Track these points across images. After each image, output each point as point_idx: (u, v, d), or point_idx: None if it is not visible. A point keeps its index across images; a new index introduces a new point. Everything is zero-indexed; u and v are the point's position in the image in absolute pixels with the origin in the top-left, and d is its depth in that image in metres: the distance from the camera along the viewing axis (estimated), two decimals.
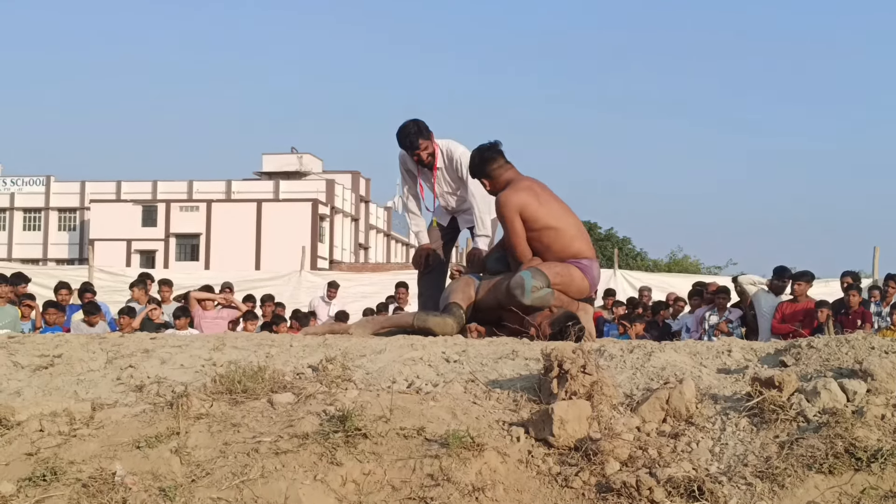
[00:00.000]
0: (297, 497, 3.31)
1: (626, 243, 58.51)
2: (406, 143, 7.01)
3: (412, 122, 7.03)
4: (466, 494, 3.30)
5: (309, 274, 19.31)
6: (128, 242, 61.31)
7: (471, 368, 4.41)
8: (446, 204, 7.45)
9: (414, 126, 6.99)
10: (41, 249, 65.33)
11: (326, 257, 61.03)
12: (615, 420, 3.70)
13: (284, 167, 66.61)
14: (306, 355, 4.80)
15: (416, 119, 7.06)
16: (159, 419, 3.89)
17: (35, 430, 3.83)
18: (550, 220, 5.96)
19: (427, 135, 7.06)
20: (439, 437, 3.57)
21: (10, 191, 66.55)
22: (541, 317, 5.70)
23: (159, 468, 3.54)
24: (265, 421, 3.82)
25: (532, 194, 5.97)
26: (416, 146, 6.99)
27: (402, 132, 7.03)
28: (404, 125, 7.05)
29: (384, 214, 76.76)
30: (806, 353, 4.25)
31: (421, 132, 7.00)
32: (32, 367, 4.68)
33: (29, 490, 3.45)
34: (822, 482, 3.21)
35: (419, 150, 7.03)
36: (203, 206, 62.38)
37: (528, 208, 5.93)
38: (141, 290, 12.28)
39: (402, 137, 7.02)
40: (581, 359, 3.86)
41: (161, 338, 5.58)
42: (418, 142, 7.00)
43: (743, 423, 3.61)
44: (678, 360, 4.37)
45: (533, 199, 5.95)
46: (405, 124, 7.05)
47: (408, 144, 7.01)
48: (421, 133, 7.01)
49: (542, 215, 5.94)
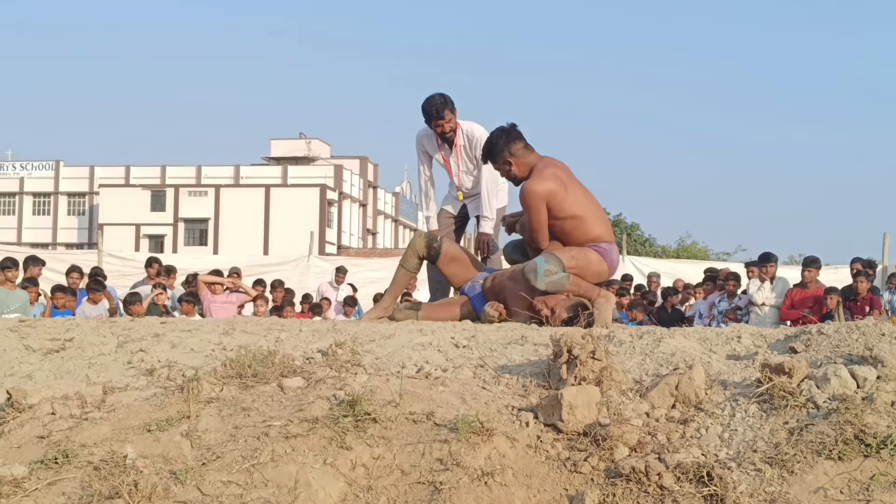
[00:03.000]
0: (307, 481, 3.32)
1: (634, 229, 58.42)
2: (432, 112, 7.09)
3: (439, 95, 7.14)
4: (475, 479, 3.31)
5: (317, 259, 19.35)
6: (136, 227, 61.52)
7: (480, 354, 4.42)
8: (462, 184, 7.47)
9: (441, 98, 7.11)
10: (50, 234, 65.57)
11: (335, 242, 61.13)
12: (624, 406, 3.71)
13: (293, 152, 66.68)
14: (316, 340, 4.81)
15: (442, 93, 7.14)
16: (170, 403, 3.90)
17: (47, 413, 3.85)
18: (576, 208, 5.91)
19: (453, 108, 7.14)
20: (448, 422, 3.57)
21: (20, 175, 66.78)
22: (554, 300, 5.67)
23: (170, 451, 3.55)
24: (275, 405, 3.83)
25: (559, 183, 5.90)
26: (441, 115, 7.07)
27: (428, 101, 7.11)
28: (431, 96, 7.15)
29: (392, 200, 76.79)
30: (816, 339, 4.25)
31: (447, 104, 7.11)
32: (44, 350, 4.70)
33: (41, 473, 3.47)
34: (831, 468, 3.21)
35: (443, 122, 7.10)
36: (211, 191, 62.53)
37: (555, 197, 5.86)
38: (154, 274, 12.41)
39: (429, 105, 7.09)
40: (590, 344, 3.86)
41: (171, 322, 5.60)
42: (444, 112, 7.08)
43: (752, 409, 3.61)
44: (688, 346, 4.37)
45: (560, 188, 5.88)
46: (432, 95, 7.16)
47: (434, 113, 7.08)
48: (447, 104, 7.11)
49: (568, 204, 5.88)
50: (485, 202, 7.28)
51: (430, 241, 6.27)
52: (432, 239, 6.29)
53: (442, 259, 6.28)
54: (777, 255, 12.42)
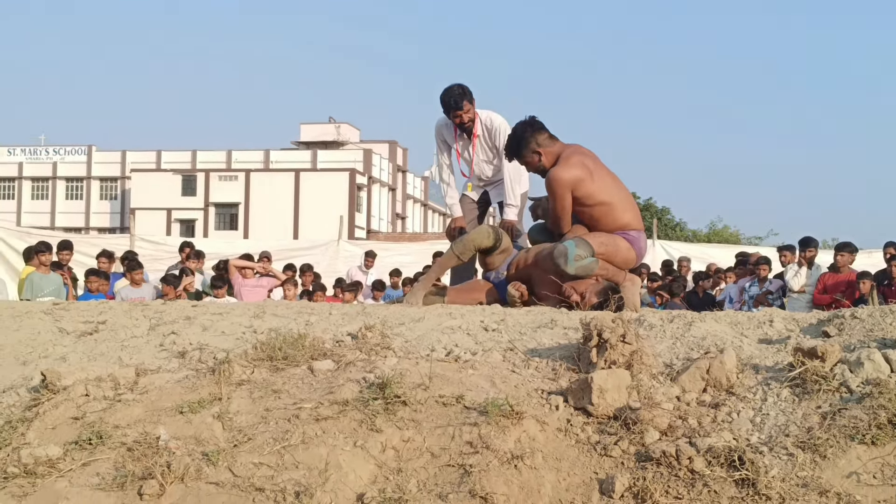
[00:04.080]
0: (338, 463, 3.34)
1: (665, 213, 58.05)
2: (451, 103, 7.06)
3: (457, 85, 7.12)
4: (505, 462, 3.31)
5: (346, 243, 19.36)
6: (168, 212, 61.86)
7: (509, 337, 4.41)
8: (481, 173, 7.46)
9: (459, 88, 7.09)
10: (83, 218, 66.12)
11: (364, 227, 61.20)
12: (655, 389, 3.69)
13: (322, 137, 66.74)
14: (345, 323, 4.82)
15: (461, 83, 7.12)
16: (202, 385, 3.93)
17: (81, 394, 3.89)
18: (603, 195, 5.87)
19: (471, 99, 7.12)
20: (478, 405, 3.58)
21: (53, 160, 67.33)
22: (584, 285, 5.66)
23: (202, 433, 3.59)
24: (305, 387, 3.85)
25: (585, 170, 5.84)
26: (459, 106, 7.06)
27: (447, 92, 7.09)
28: (450, 86, 7.12)
29: (421, 184, 76.75)
30: (849, 323, 4.21)
31: (465, 94, 7.08)
32: (77, 333, 4.74)
33: (75, 453, 3.51)
34: (864, 453, 3.19)
35: (461, 112, 7.09)
36: (242, 176, 62.74)
37: (582, 185, 5.81)
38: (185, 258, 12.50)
39: (447, 97, 7.07)
40: (621, 328, 3.85)
41: (202, 305, 5.63)
42: (462, 103, 7.06)
43: (784, 393, 3.58)
44: (719, 330, 4.34)
45: (587, 175, 5.83)
46: (451, 86, 7.13)
47: (452, 104, 7.06)
48: (465, 95, 7.08)
49: (595, 191, 5.84)
50: (508, 189, 7.26)
51: (496, 241, 6.20)
52: (498, 238, 6.21)
53: (496, 252, 6.23)
54: (817, 240, 12.27)
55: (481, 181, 7.56)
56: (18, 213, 63.87)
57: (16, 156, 67.44)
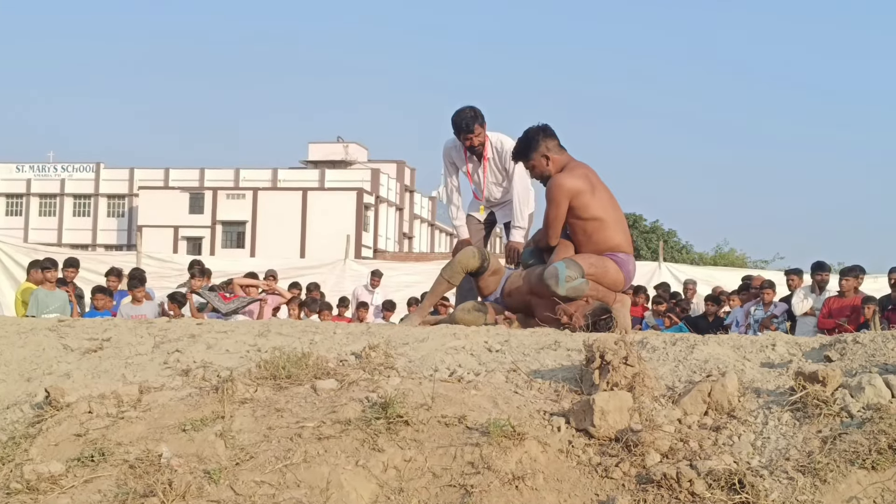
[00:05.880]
0: (339, 482, 3.35)
1: (671, 236, 58.07)
2: (462, 126, 7.10)
3: (469, 108, 7.16)
4: (507, 483, 3.32)
5: (353, 262, 19.37)
6: (175, 229, 62.07)
7: (513, 358, 4.42)
8: (490, 195, 7.50)
9: (471, 111, 7.13)
10: (90, 235, 66.35)
11: (371, 246, 61.31)
12: (656, 412, 3.70)
13: (330, 156, 67.00)
14: (350, 342, 4.84)
15: (472, 106, 7.15)
16: (205, 403, 3.95)
17: (84, 411, 3.92)
18: (599, 211, 5.92)
19: (482, 122, 7.16)
20: (480, 426, 3.59)
21: (61, 177, 67.63)
22: (575, 306, 5.70)
23: (204, 451, 3.60)
24: (308, 406, 3.86)
25: (587, 183, 5.91)
26: (471, 130, 7.09)
27: (459, 114, 7.12)
28: (461, 109, 7.16)
29: (429, 204, 76.92)
30: (851, 348, 4.21)
31: (477, 118, 7.12)
32: (82, 350, 4.77)
33: (77, 470, 3.53)
34: (864, 478, 3.19)
35: (472, 135, 7.12)
36: (249, 194, 62.97)
37: (581, 197, 5.88)
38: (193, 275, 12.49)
39: (459, 119, 7.11)
40: (623, 350, 3.86)
41: (207, 323, 5.65)
42: (474, 126, 7.10)
43: (785, 417, 3.59)
44: (721, 353, 4.35)
45: (587, 188, 5.90)
46: (462, 108, 7.16)
47: (463, 127, 7.10)
48: (477, 118, 7.12)
49: (592, 206, 5.90)
50: (517, 211, 7.29)
51: (482, 261, 6.28)
52: (484, 259, 6.30)
53: (485, 273, 6.31)
54: (830, 265, 12.27)
55: (489, 202, 7.61)
56: (26, 230, 64.06)
57: (24, 172, 67.78)
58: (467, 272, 6.36)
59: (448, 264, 6.45)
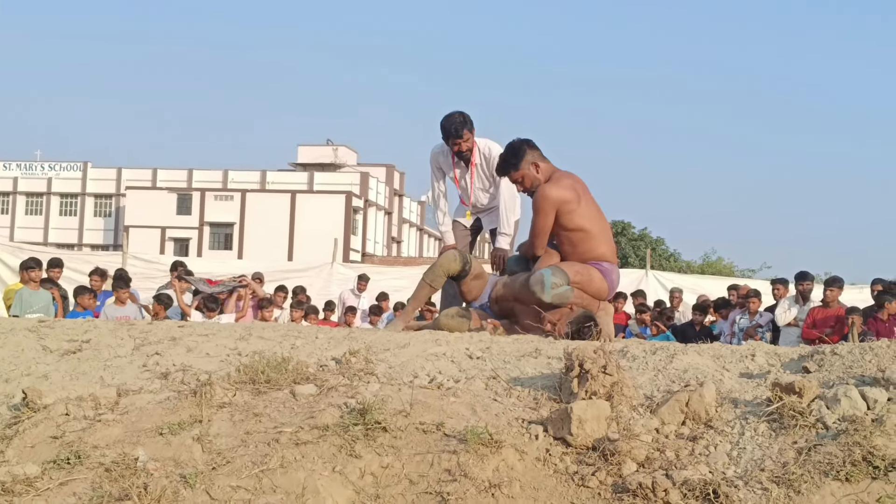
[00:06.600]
0: (315, 488, 3.35)
1: (659, 244, 58.20)
2: (451, 131, 7.10)
3: (458, 113, 7.16)
4: (483, 490, 3.32)
5: (341, 266, 19.35)
6: (162, 230, 61.86)
7: (493, 365, 4.43)
8: (477, 200, 7.51)
9: (460, 116, 7.13)
10: (77, 234, 66.10)
11: (359, 250, 61.24)
12: (634, 421, 3.71)
13: (319, 159, 66.90)
14: (331, 347, 4.84)
15: (462, 111, 7.16)
16: (183, 407, 3.94)
17: (61, 413, 3.90)
18: (584, 222, 5.96)
19: (471, 127, 7.17)
20: (458, 433, 3.59)
21: (48, 175, 67.37)
22: (559, 314, 5.73)
23: (181, 455, 3.59)
24: (287, 412, 3.86)
25: (574, 194, 5.95)
26: (459, 134, 7.10)
27: (448, 119, 7.13)
28: (451, 114, 7.16)
29: (417, 208, 76.90)
30: (829, 359, 4.23)
31: (466, 123, 7.12)
32: (61, 351, 4.76)
33: (53, 472, 3.52)
34: (838, 489, 3.20)
35: (461, 140, 7.13)
36: (237, 196, 62.83)
37: (567, 206, 5.91)
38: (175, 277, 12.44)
39: (448, 124, 7.11)
40: (602, 359, 3.87)
41: (188, 326, 5.64)
42: (463, 131, 7.11)
43: (762, 427, 3.60)
44: (701, 363, 4.36)
45: (574, 199, 5.93)
46: (452, 113, 7.16)
47: (452, 132, 7.10)
48: (466, 124, 7.12)
49: (577, 216, 5.93)
50: (503, 218, 7.31)
51: (464, 264, 6.31)
52: (465, 262, 6.33)
53: (468, 277, 6.34)
54: (813, 275, 12.31)
55: (476, 208, 7.62)
56: (12, 228, 63.80)
57: (11, 171, 67.50)
58: (449, 276, 6.37)
59: (430, 268, 6.47)
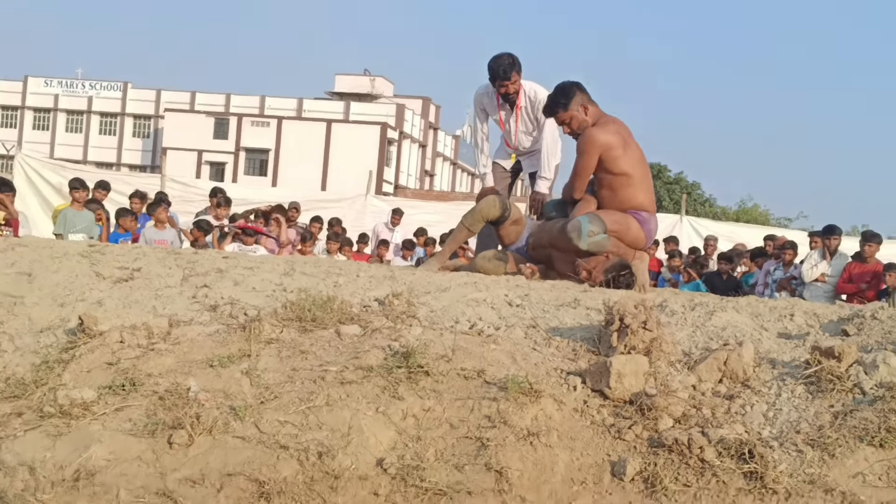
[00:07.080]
0: (360, 426, 3.45)
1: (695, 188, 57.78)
2: (499, 72, 7.09)
3: (507, 55, 7.14)
4: (521, 438, 3.41)
5: (374, 198, 19.46)
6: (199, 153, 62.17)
7: (532, 314, 4.50)
8: (519, 143, 7.52)
9: (509, 58, 7.11)
10: (115, 154, 66.57)
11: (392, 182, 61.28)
12: (671, 377, 3.77)
13: (356, 88, 66.67)
14: (373, 287, 4.92)
15: (510, 53, 7.14)
16: (232, 340, 4.05)
17: (116, 340, 4.02)
18: (628, 167, 5.98)
19: (519, 70, 7.15)
20: (498, 381, 3.67)
21: (89, 94, 67.67)
22: (594, 262, 5.76)
23: (230, 387, 3.70)
24: (332, 350, 3.96)
25: (619, 138, 5.97)
26: (507, 76, 7.09)
27: (496, 60, 7.10)
28: (499, 55, 7.14)
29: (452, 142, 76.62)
30: (869, 323, 4.25)
31: (514, 65, 7.11)
32: (113, 278, 4.86)
33: (109, 398, 3.64)
34: (871, 455, 3.26)
35: (508, 83, 7.11)
36: (274, 123, 62.91)
37: (613, 151, 5.93)
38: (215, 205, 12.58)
39: (496, 66, 7.09)
40: (643, 314, 3.92)
41: (233, 257, 5.74)
42: (511, 73, 7.09)
43: (799, 390, 3.66)
44: (739, 321, 4.40)
45: (619, 143, 5.95)
46: (500, 55, 7.14)
47: (500, 73, 7.08)
48: (514, 66, 7.11)
49: (622, 161, 5.95)
50: (544, 161, 7.32)
51: (503, 210, 6.34)
52: (505, 208, 6.36)
53: (506, 222, 6.37)
54: (841, 229, 12.23)
55: (517, 151, 7.63)
56: (52, 145, 64.34)
57: (52, 87, 67.86)
58: (488, 221, 6.42)
59: (469, 212, 6.51)
